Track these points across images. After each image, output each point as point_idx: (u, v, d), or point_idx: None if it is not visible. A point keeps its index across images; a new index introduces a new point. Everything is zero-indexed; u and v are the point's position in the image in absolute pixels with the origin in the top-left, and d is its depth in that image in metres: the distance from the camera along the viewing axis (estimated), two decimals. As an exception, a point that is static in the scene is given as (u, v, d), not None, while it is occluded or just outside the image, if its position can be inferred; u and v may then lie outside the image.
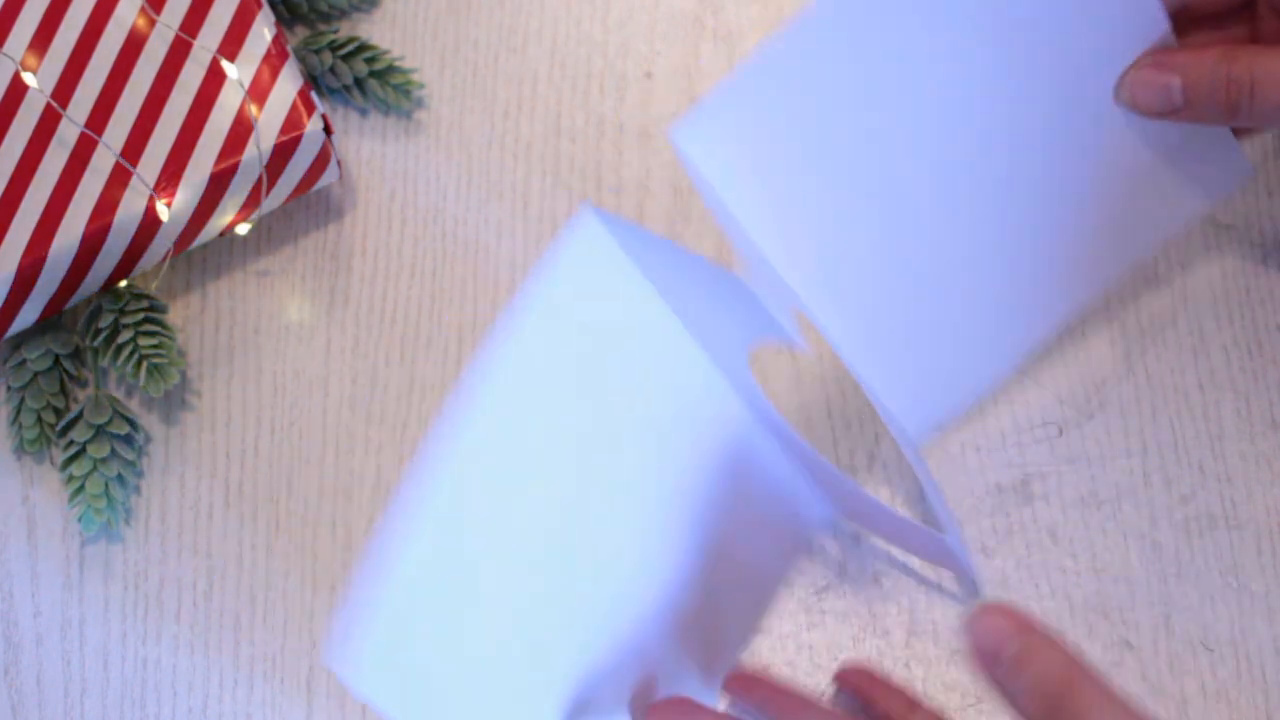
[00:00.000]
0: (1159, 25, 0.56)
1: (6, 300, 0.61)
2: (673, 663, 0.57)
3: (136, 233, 0.62)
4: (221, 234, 0.65)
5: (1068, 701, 0.45)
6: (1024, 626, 0.47)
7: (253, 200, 0.64)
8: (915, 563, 0.60)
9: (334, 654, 0.45)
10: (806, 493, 0.61)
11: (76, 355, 0.64)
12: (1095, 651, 0.59)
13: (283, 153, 0.63)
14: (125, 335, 0.62)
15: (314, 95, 0.64)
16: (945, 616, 0.60)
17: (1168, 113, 0.57)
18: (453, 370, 0.64)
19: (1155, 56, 0.57)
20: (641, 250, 0.51)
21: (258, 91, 0.64)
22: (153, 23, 0.65)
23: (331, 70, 0.67)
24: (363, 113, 0.69)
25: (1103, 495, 0.61)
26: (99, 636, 0.61)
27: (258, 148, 0.63)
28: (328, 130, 0.64)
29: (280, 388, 0.65)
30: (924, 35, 0.55)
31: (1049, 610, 0.60)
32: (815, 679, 0.60)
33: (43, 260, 0.61)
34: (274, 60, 0.64)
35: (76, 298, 0.63)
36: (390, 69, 0.68)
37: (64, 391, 0.63)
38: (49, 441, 0.63)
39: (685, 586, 0.57)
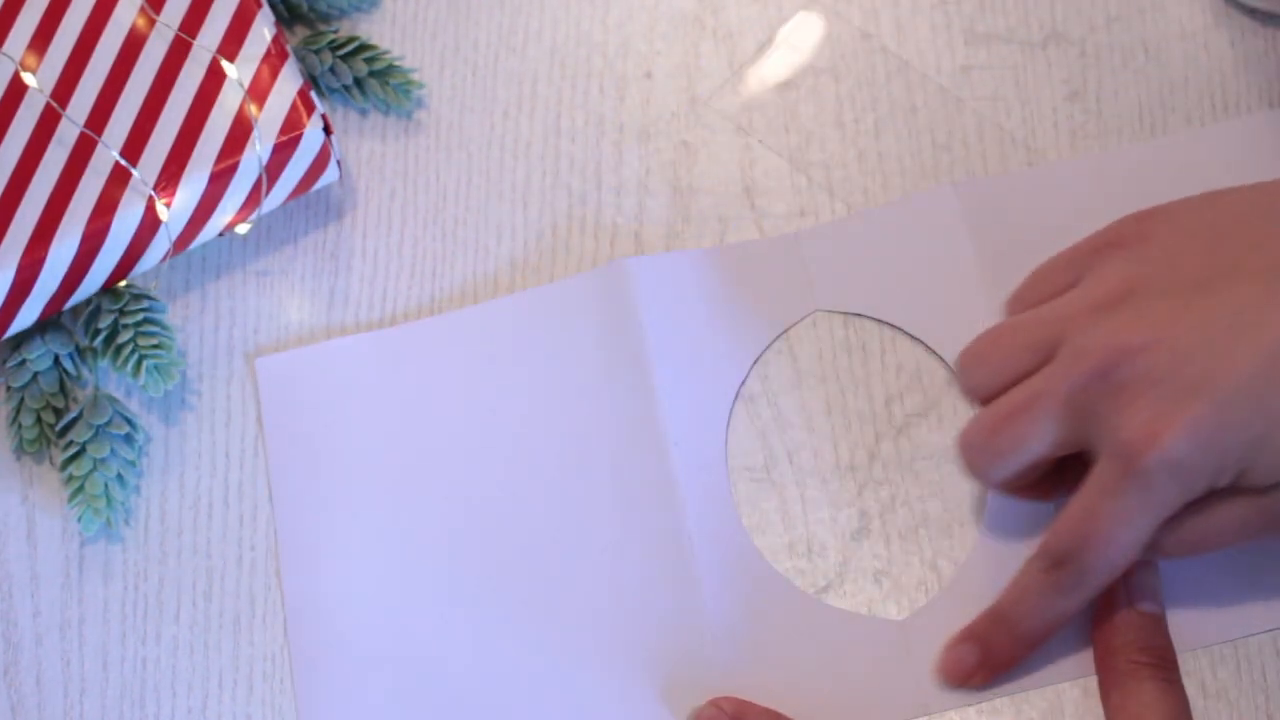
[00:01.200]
0: None
1: (6, 300, 0.61)
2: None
3: (136, 232, 0.62)
4: (221, 234, 0.65)
5: None
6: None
7: (252, 200, 0.64)
8: (916, 564, 0.60)
9: None
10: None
11: (76, 355, 0.64)
12: (1096, 651, 0.59)
13: (282, 153, 0.63)
14: (125, 335, 0.62)
15: (314, 95, 0.64)
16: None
17: None
18: (453, 370, 0.64)
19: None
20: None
21: (257, 91, 0.64)
22: (152, 23, 0.65)
23: (331, 70, 0.68)
24: (363, 113, 0.69)
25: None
26: (98, 637, 0.61)
27: (257, 147, 0.63)
28: (328, 130, 0.64)
29: (280, 388, 0.65)
30: None
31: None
32: (815, 679, 0.59)
33: (43, 260, 0.61)
34: (274, 60, 0.64)
35: (76, 298, 0.63)
36: (390, 69, 0.68)
37: (64, 391, 0.63)
38: (49, 441, 0.63)
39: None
